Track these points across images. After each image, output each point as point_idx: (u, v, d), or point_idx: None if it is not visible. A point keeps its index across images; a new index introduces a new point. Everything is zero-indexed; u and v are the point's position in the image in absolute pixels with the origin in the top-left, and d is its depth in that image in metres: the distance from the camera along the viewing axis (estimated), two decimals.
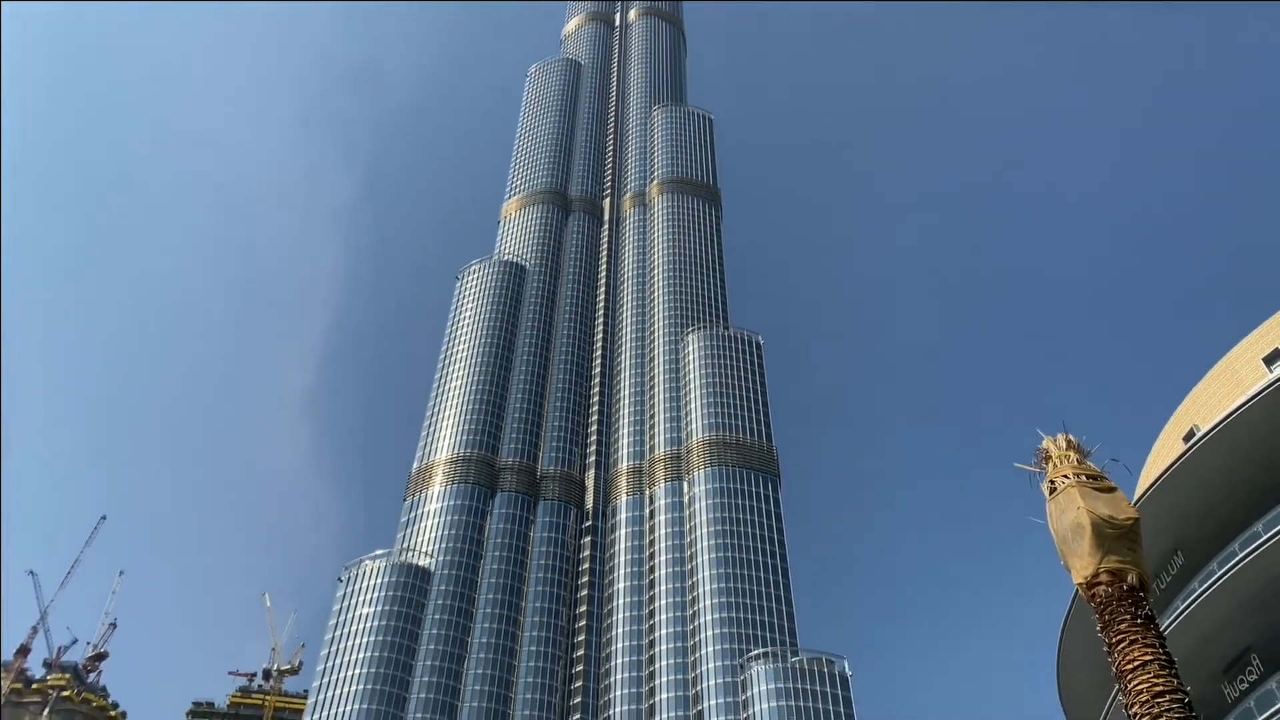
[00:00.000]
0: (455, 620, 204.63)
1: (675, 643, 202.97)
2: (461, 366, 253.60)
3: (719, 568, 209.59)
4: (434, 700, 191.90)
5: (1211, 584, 47.44)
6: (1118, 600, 14.57)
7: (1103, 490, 17.00)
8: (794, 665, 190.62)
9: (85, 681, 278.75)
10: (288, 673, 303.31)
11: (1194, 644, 46.65)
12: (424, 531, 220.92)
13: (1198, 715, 13.02)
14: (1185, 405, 67.41)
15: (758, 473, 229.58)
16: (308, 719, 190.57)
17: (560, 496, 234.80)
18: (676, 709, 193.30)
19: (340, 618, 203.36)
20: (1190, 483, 51.77)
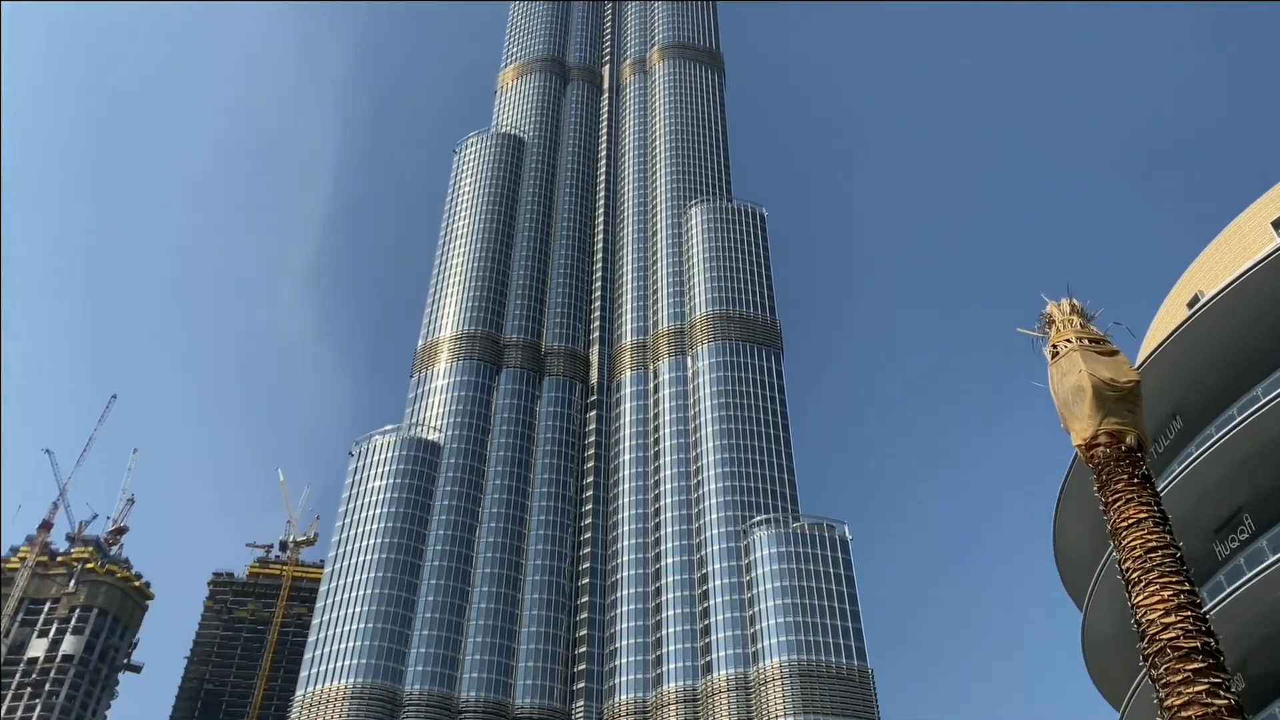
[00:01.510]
0: (465, 492, 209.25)
1: (680, 510, 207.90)
2: (462, 243, 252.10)
3: (722, 439, 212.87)
4: (447, 568, 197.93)
5: (1208, 447, 48.15)
6: (1115, 461, 14.76)
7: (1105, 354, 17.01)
8: (795, 530, 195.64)
9: (108, 554, 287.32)
10: (304, 544, 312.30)
11: (1188, 505, 47.67)
12: (432, 407, 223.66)
13: (1189, 569, 13.33)
14: (1191, 270, 67.03)
15: (761, 346, 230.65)
16: (325, 587, 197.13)
17: (565, 372, 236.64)
18: (681, 573, 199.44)
19: (353, 490, 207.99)
20: (1192, 348, 51.93)
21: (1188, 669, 12.00)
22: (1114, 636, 56.85)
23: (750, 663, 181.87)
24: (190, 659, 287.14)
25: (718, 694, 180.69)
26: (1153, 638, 12.62)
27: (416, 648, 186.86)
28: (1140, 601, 13.08)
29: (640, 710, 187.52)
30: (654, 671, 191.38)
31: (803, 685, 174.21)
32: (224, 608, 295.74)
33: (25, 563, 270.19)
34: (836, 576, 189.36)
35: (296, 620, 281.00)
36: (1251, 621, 44.17)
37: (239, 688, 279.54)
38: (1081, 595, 61.37)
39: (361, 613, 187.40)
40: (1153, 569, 13.28)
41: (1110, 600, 54.63)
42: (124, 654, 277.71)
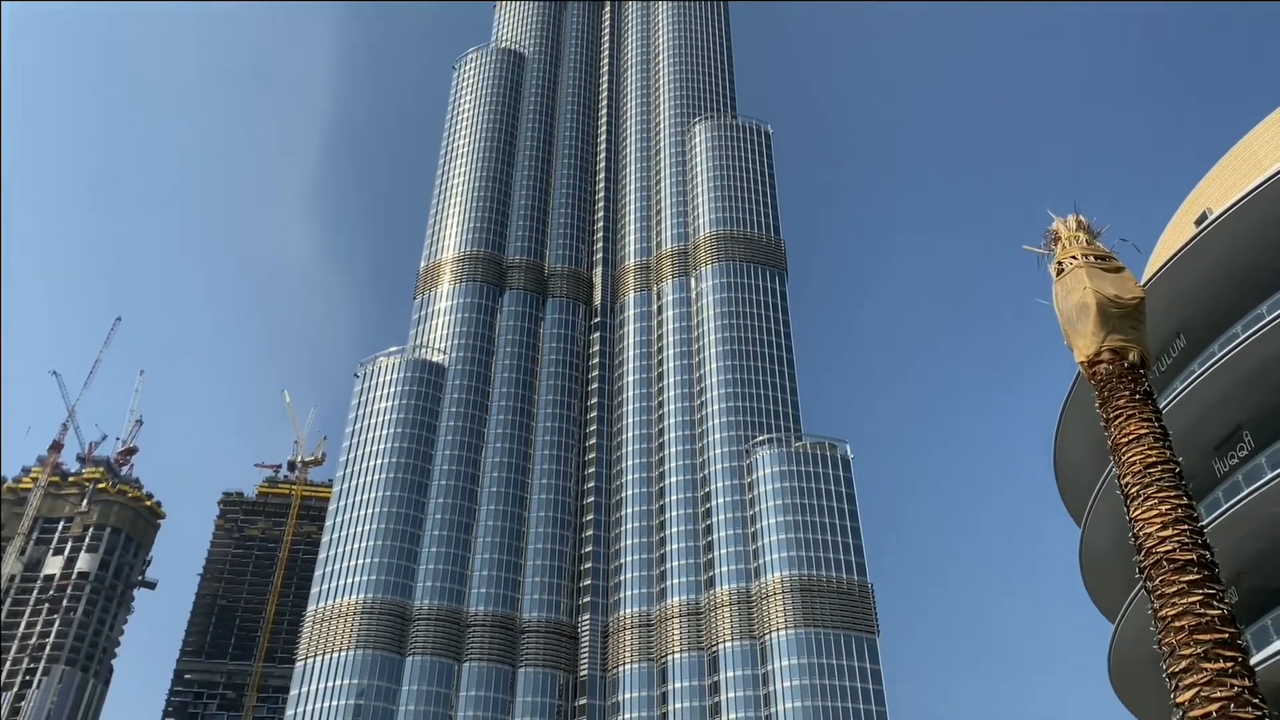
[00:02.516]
0: (470, 414, 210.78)
1: (683, 430, 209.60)
2: (462, 163, 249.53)
3: (725, 360, 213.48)
4: (454, 487, 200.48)
5: (1211, 365, 48.21)
6: (1118, 378, 14.80)
7: (1110, 270, 16.93)
8: (797, 449, 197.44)
9: (118, 474, 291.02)
10: (312, 464, 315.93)
11: (1189, 422, 47.95)
12: (436, 329, 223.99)
13: (1187, 484, 13.47)
14: (1200, 187, 66.23)
15: (764, 267, 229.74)
16: (334, 505, 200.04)
17: (568, 294, 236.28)
18: (684, 491, 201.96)
19: (359, 411, 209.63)
20: (1198, 267, 51.64)
21: (1183, 580, 12.23)
22: (1111, 552, 57.67)
23: (752, 578, 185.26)
24: (203, 576, 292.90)
25: (720, 608, 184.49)
26: (1149, 550, 12.82)
27: (425, 564, 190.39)
28: (1138, 515, 13.25)
29: (644, 623, 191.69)
30: (657, 586, 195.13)
31: (803, 599, 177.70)
32: (235, 526, 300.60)
33: (38, 483, 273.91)
34: (837, 494, 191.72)
35: (306, 538, 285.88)
36: (1248, 536, 44.79)
37: (252, 604, 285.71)
38: (1080, 512, 62.14)
39: (371, 530, 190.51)
40: (1151, 484, 13.42)
41: (1108, 516, 55.30)
42: (138, 571, 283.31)
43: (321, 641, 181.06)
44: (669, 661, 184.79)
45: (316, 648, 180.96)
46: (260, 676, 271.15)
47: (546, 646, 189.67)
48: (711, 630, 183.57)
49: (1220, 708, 11.02)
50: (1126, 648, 56.57)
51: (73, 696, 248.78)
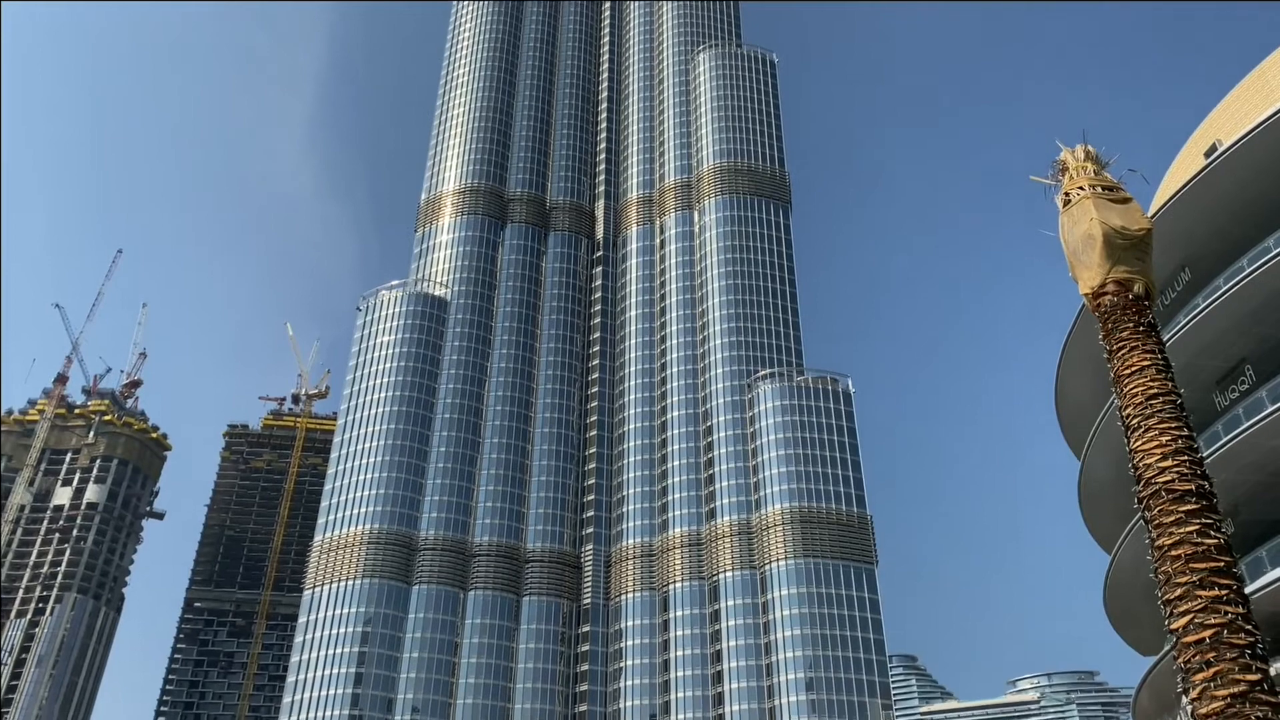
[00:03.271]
0: (473, 347, 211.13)
1: (685, 365, 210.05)
2: (463, 93, 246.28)
3: (728, 294, 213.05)
4: (458, 420, 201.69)
5: (1215, 298, 47.98)
6: (1122, 309, 14.74)
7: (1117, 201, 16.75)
8: (799, 384, 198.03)
9: (124, 406, 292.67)
10: (316, 397, 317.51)
11: (1191, 356, 47.91)
12: (437, 263, 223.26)
13: (1188, 415, 13.51)
14: (1211, 118, 65.16)
15: (768, 200, 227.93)
16: (339, 438, 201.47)
17: (570, 228, 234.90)
18: (686, 425, 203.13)
19: (362, 345, 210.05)
20: (1206, 199, 51.07)
21: (1181, 510, 12.33)
22: (1109, 484, 58.11)
23: (752, 509, 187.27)
24: (210, 507, 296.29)
25: (720, 539, 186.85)
26: (1148, 481, 12.90)
27: (430, 495, 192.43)
28: (1138, 446, 13.31)
29: (646, 553, 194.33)
30: (659, 518, 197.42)
31: (803, 530, 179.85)
32: (240, 458, 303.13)
33: (44, 415, 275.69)
34: (838, 428, 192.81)
35: (312, 470, 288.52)
36: (1246, 469, 45.05)
37: (259, 534, 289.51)
38: (1080, 445, 62.44)
39: (376, 462, 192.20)
40: (1152, 415, 13.45)
41: (1108, 450, 55.60)
42: (146, 502, 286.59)
43: (329, 571, 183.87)
44: (670, 590, 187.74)
45: (324, 577, 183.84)
46: (269, 605, 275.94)
47: (550, 575, 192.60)
48: (712, 560, 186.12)
49: (1213, 633, 11.19)
50: (1122, 578, 57.34)
51: (85, 623, 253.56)
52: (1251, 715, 10.64)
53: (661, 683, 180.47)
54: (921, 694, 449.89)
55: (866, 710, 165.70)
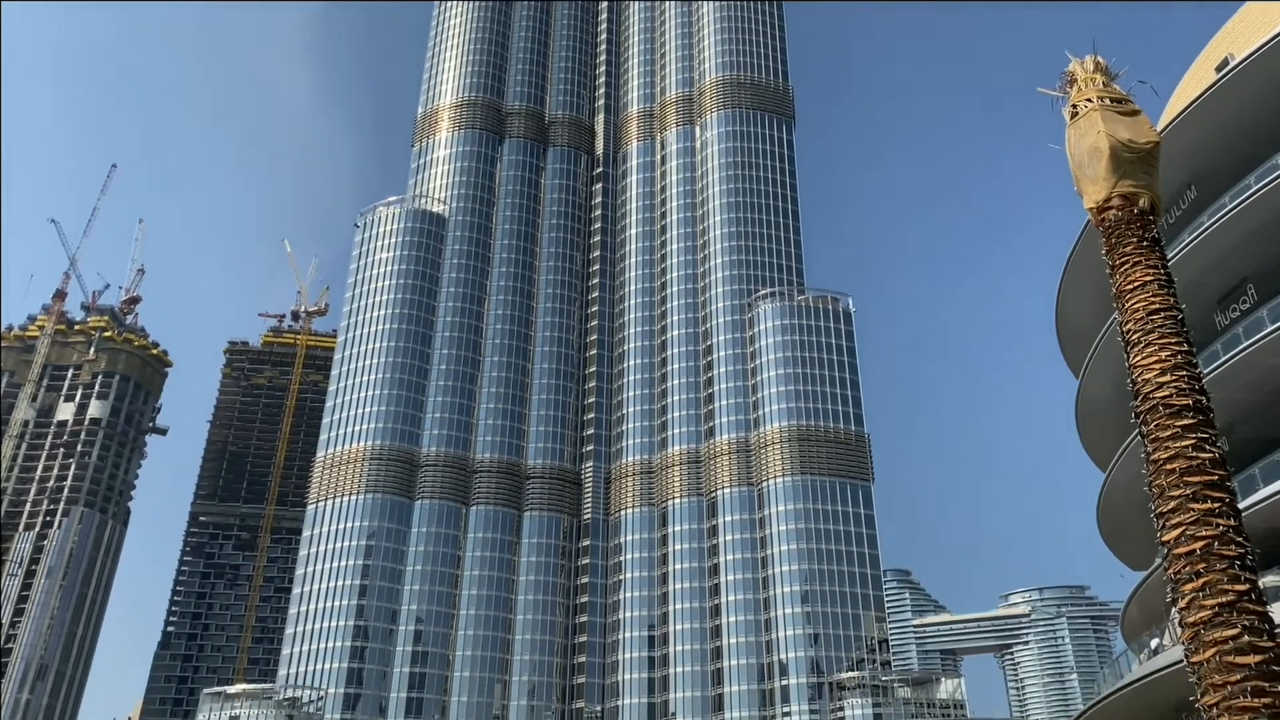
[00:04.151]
0: (472, 265, 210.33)
1: (685, 284, 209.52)
2: (459, 3, 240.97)
3: (729, 212, 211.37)
4: (458, 338, 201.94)
5: (1221, 216, 47.58)
6: (1126, 224, 14.57)
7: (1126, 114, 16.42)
8: (799, 303, 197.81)
9: (123, 323, 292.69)
10: (315, 314, 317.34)
11: (1194, 275, 47.71)
12: (435, 178, 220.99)
13: (1189, 331, 13.46)
14: (1224, 32, 63.78)
15: (771, 115, 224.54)
16: (339, 355, 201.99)
17: (570, 143, 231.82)
18: (686, 344, 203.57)
19: (360, 262, 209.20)
20: (1216, 115, 50.24)
21: (1177, 425, 12.37)
22: (1107, 402, 58.42)
23: (751, 428, 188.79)
24: (212, 423, 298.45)
25: (719, 456, 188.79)
26: (1146, 396, 12.92)
27: (431, 412, 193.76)
28: (1138, 362, 13.29)
29: (646, 470, 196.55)
30: (659, 435, 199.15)
31: (800, 448, 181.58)
32: (241, 375, 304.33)
33: (44, 331, 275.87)
34: (838, 347, 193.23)
35: (313, 387, 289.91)
36: (1244, 388, 45.25)
37: (261, 450, 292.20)
38: (1079, 363, 62.60)
39: (377, 379, 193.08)
40: (1153, 330, 13.41)
41: (1106, 367, 55.76)
42: (148, 418, 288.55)
43: (332, 486, 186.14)
44: (669, 506, 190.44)
45: (327, 492, 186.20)
46: (273, 519, 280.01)
47: (551, 491, 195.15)
48: (711, 477, 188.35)
49: (1204, 545, 11.32)
50: (1116, 495, 58.03)
51: (93, 536, 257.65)
52: (1238, 623, 10.81)
53: (660, 595, 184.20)
54: (915, 607, 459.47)
55: (860, 622, 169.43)
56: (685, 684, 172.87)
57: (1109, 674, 67.42)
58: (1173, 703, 47.04)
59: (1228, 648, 10.79)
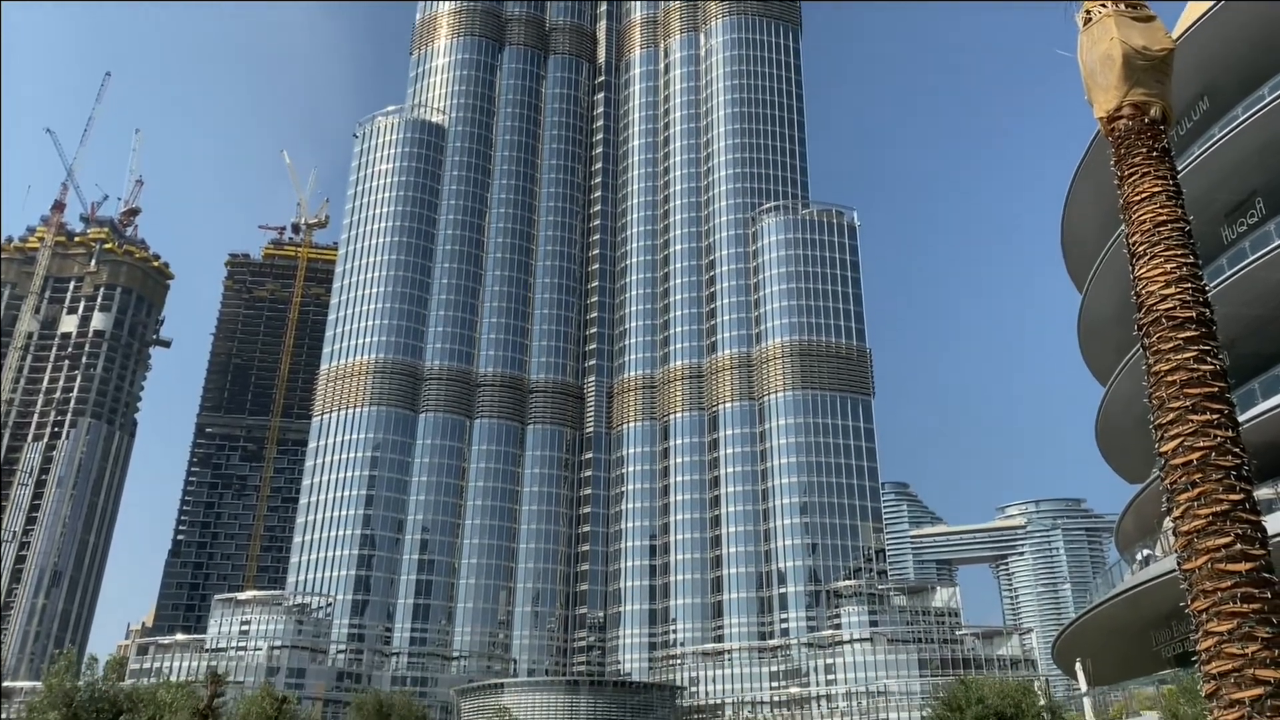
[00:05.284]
0: (472, 176, 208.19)
1: (689, 197, 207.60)
2: None
3: (734, 123, 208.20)
4: (459, 251, 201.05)
5: (1232, 128, 46.80)
6: (1137, 133, 14.31)
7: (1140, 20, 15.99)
8: (803, 217, 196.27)
9: (123, 235, 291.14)
10: (315, 226, 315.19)
11: (1203, 189, 47.10)
12: (434, 88, 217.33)
13: (1195, 243, 13.35)
14: None
15: (778, 22, 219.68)
16: (341, 268, 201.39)
17: (571, 50, 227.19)
18: (689, 259, 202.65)
19: (360, 174, 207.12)
20: (1231, 25, 49.01)
21: (1179, 337, 12.36)
22: (1109, 317, 58.34)
23: (753, 343, 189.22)
24: (216, 336, 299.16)
25: (721, 371, 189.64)
26: (1150, 309, 12.88)
27: (434, 326, 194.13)
28: (1142, 274, 13.21)
29: (648, 385, 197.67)
30: (661, 350, 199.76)
31: (802, 363, 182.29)
32: (243, 288, 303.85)
33: (44, 242, 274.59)
34: (841, 262, 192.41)
35: (315, 300, 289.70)
36: (1248, 303, 45.08)
37: (265, 362, 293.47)
38: (1083, 277, 62.34)
39: (379, 293, 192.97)
40: (1159, 242, 13.29)
41: (1110, 282, 55.54)
42: (152, 330, 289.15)
43: (336, 398, 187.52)
44: (671, 420, 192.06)
45: (332, 404, 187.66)
46: (278, 431, 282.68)
47: (553, 405, 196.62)
48: (712, 391, 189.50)
49: (1201, 455, 11.42)
50: (1115, 409, 58.35)
51: (100, 447, 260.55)
52: (1231, 532, 10.97)
53: (661, 506, 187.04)
54: (912, 519, 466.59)
55: (858, 533, 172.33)
56: (685, 591, 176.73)
57: (1102, 584, 68.77)
58: (1163, 612, 48.05)
59: (1220, 555, 10.96)
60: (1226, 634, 10.96)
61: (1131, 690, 47.18)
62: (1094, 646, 55.91)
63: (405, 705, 61.50)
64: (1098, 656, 55.34)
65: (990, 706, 24.85)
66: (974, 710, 24.92)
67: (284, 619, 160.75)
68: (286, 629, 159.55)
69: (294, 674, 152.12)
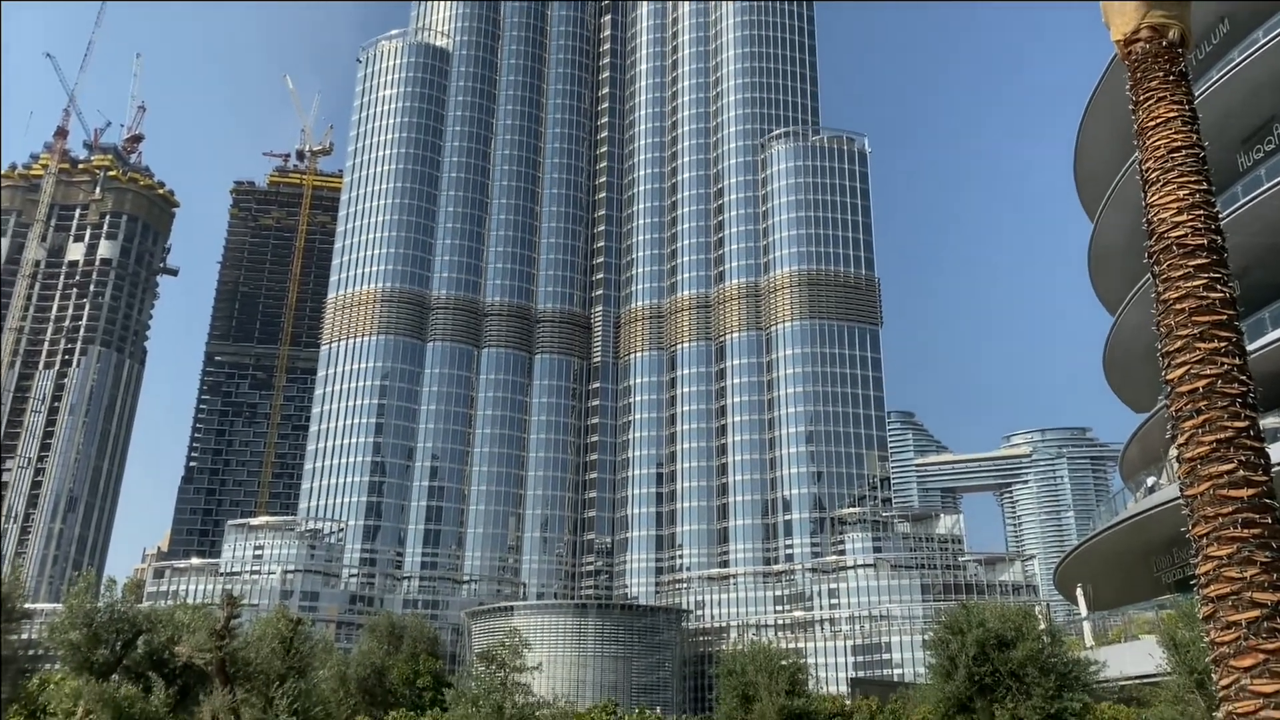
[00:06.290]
0: (478, 103, 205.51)
1: (697, 124, 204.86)
2: None
3: (744, 46, 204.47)
4: (465, 179, 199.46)
5: (1252, 53, 45.86)
6: (1154, 57, 14.01)
7: None
8: (814, 143, 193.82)
9: (127, 162, 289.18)
10: (320, 153, 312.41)
11: (1219, 115, 46.33)
12: (438, 10, 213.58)
13: (1210, 169, 13.19)
14: None
15: None
16: (346, 196, 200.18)
17: None
18: (697, 186, 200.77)
19: (364, 99, 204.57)
20: None
21: (1190, 264, 12.29)
22: (1120, 246, 57.92)
23: (761, 272, 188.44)
24: (223, 264, 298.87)
25: (729, 301, 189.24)
26: (1161, 235, 12.78)
27: (441, 255, 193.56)
28: (1155, 201, 13.08)
29: (655, 315, 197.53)
30: (669, 280, 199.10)
31: (810, 292, 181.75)
32: (249, 216, 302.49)
33: (48, 169, 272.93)
34: (851, 189, 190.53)
35: (321, 228, 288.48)
36: (1261, 232, 44.67)
37: (273, 291, 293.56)
38: (1096, 205, 61.75)
39: (384, 221, 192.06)
40: (1173, 168, 13.12)
41: (1123, 210, 55.01)
42: (158, 258, 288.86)
43: (344, 327, 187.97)
44: (678, 350, 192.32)
45: (340, 333, 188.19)
46: (287, 359, 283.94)
47: (561, 334, 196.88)
48: (720, 321, 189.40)
49: (1208, 383, 11.44)
50: (1123, 338, 58.27)
51: (111, 375, 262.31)
52: (1234, 459, 11.04)
53: (668, 435, 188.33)
54: (917, 447, 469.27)
55: (863, 461, 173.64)
56: (691, 518, 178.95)
57: (1105, 511, 69.43)
58: (1164, 539, 48.59)
59: (1223, 481, 11.05)
60: (1226, 558, 11.11)
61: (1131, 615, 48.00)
62: (1095, 573, 56.67)
63: (417, 627, 62.94)
64: (1099, 582, 56.13)
65: (991, 630, 25.40)
66: (975, 634, 25.46)
67: (297, 544, 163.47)
68: (299, 554, 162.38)
69: (307, 597, 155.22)
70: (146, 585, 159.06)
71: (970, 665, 26.25)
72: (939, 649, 27.51)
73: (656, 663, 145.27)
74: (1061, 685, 25.71)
